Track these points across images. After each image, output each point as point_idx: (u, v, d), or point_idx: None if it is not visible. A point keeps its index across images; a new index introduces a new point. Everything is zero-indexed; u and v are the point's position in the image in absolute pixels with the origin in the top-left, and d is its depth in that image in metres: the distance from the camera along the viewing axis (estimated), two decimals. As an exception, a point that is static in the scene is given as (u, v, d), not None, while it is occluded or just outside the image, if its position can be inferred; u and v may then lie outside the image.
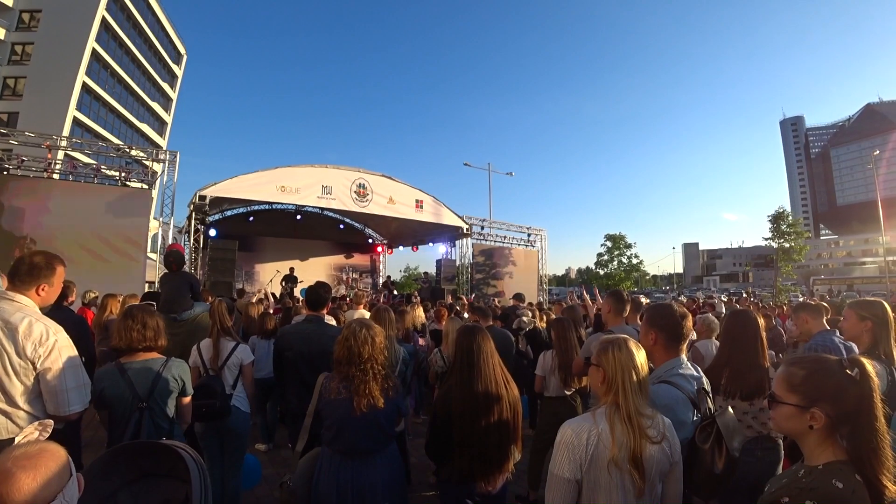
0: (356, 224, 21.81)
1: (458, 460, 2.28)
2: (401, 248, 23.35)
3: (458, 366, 2.41)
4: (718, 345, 3.09)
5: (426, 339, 6.09)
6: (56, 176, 11.09)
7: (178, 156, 12.36)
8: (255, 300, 7.67)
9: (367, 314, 5.85)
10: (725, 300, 14.14)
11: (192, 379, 2.88)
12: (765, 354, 2.60)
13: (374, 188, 15.11)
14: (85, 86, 31.52)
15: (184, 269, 5.62)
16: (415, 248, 22.11)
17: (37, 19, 30.95)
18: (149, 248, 11.74)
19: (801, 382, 1.29)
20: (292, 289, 13.57)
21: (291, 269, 14.77)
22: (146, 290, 11.11)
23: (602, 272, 32.39)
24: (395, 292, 17.91)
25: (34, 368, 2.07)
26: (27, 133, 11.81)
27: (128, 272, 10.53)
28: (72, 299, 4.88)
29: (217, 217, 17.27)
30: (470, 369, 2.35)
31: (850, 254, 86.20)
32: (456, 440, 2.28)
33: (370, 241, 23.04)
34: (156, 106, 41.88)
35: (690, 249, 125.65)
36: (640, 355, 1.65)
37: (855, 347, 2.75)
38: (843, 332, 2.87)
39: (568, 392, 3.96)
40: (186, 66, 47.49)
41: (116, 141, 30.59)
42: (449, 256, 19.25)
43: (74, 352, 2.22)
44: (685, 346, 2.08)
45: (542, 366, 4.11)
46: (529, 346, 5.48)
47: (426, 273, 20.60)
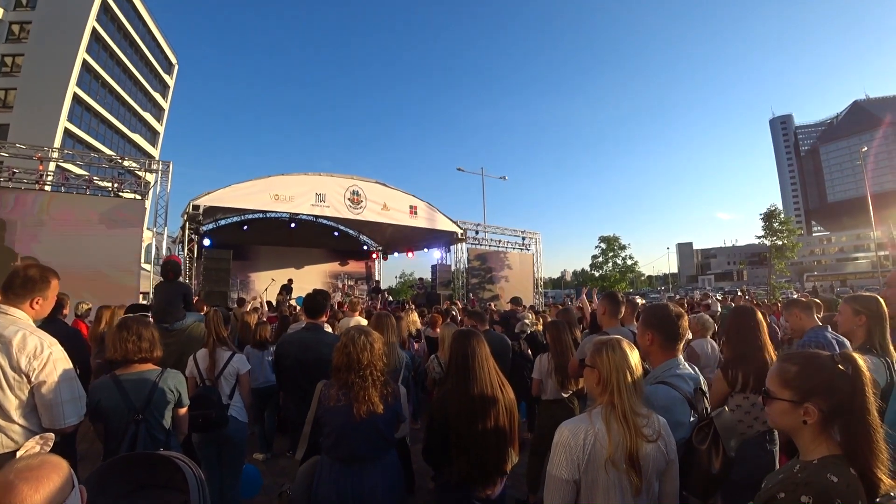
0: (350, 231, 21.77)
1: (455, 465, 2.28)
2: (396, 254, 23.32)
3: (454, 370, 2.41)
4: (722, 342, 3.10)
5: (421, 345, 6.10)
6: (48, 188, 11.01)
7: (170, 166, 12.32)
8: (248, 308, 7.64)
9: (363, 321, 5.86)
10: (720, 298, 14.21)
11: (189, 389, 2.85)
12: (770, 348, 2.64)
13: (367, 195, 15.10)
14: (76, 97, 31.38)
15: (179, 279, 5.59)
16: (410, 254, 22.09)
17: (27, 31, 30.84)
18: (143, 259, 11.67)
19: (793, 378, 1.30)
20: (287, 299, 13.52)
21: (290, 281, 14.74)
22: (140, 300, 11.06)
23: (597, 274, 32.47)
24: (391, 298, 17.87)
25: (29, 382, 2.06)
26: (18, 145, 11.74)
27: (121, 283, 10.46)
28: (65, 312, 4.85)
29: (211, 226, 17.21)
30: (465, 373, 2.35)
31: (843, 249, 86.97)
32: (453, 444, 2.28)
33: (365, 248, 23.02)
34: (148, 116, 41.72)
35: (685, 249, 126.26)
36: (633, 355, 1.67)
37: (847, 343, 2.78)
38: (837, 327, 2.90)
39: (565, 395, 3.96)
40: (178, 76, 47.45)
41: (109, 152, 30.38)
42: (444, 262, 19.26)
43: (69, 364, 2.21)
44: (682, 345, 2.10)
45: (538, 369, 4.12)
46: (530, 350, 5.49)
47: (422, 279, 20.58)
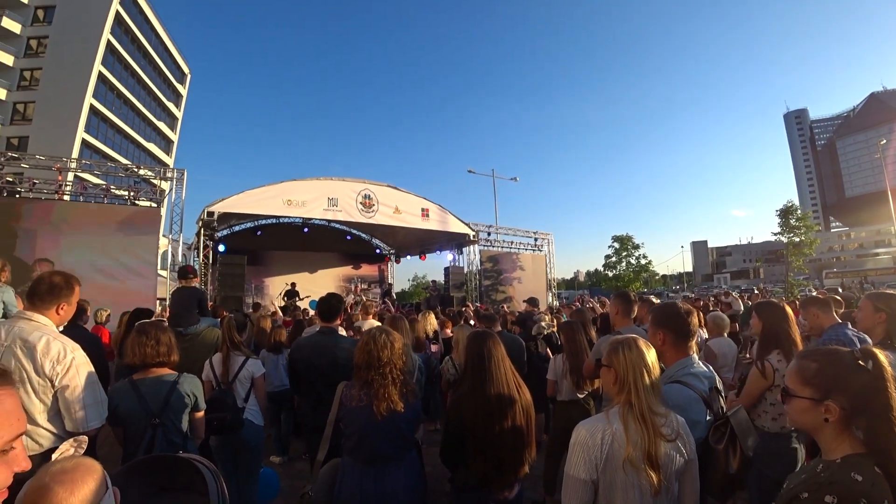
0: (363, 235, 21.89)
1: (472, 466, 2.28)
2: (408, 257, 23.39)
3: (470, 372, 2.41)
4: (749, 340, 3.06)
5: (439, 346, 6.10)
6: (67, 197, 11.25)
7: (185, 173, 12.50)
8: (266, 314, 7.72)
9: (377, 324, 5.88)
10: (737, 296, 13.98)
11: (205, 393, 2.89)
12: (800, 342, 2.63)
13: (379, 198, 15.17)
14: (92, 108, 32.06)
15: (195, 283, 5.66)
16: (422, 257, 22.12)
17: (44, 45, 31.61)
18: (159, 266, 11.85)
19: (813, 375, 1.28)
20: (294, 303, 13.61)
21: (293, 284, 14.85)
22: (157, 306, 11.23)
23: (611, 274, 32.18)
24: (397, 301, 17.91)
25: (52, 386, 2.11)
26: (38, 156, 12.00)
27: (139, 290, 10.64)
28: (86, 318, 4.95)
29: (225, 232, 17.41)
30: (482, 375, 2.34)
31: (863, 245, 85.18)
32: (470, 446, 2.27)
33: (377, 251, 23.11)
34: (162, 125, 42.46)
35: (699, 247, 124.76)
36: (650, 354, 1.65)
37: (869, 340, 2.73)
38: (857, 323, 2.86)
39: (580, 395, 3.93)
40: (191, 85, 48.21)
41: (124, 161, 30.95)
42: (456, 264, 19.23)
43: (91, 369, 2.26)
44: (694, 342, 2.07)
45: (553, 369, 4.09)
46: (549, 350, 5.47)
47: (434, 281, 20.58)
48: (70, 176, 11.81)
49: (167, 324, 5.29)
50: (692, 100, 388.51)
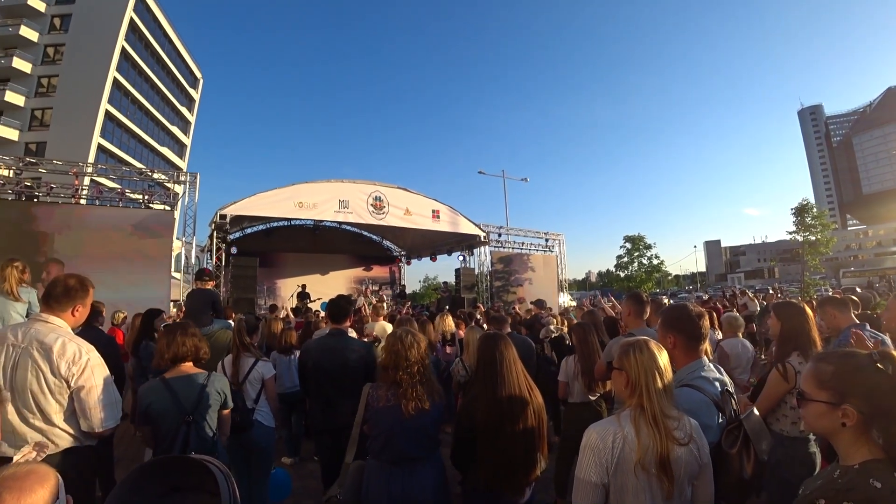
0: (374, 236, 21.97)
1: (483, 469, 2.27)
2: (419, 258, 23.41)
3: (481, 374, 2.40)
4: (766, 340, 3.01)
5: (454, 348, 6.10)
6: (83, 201, 11.45)
7: (197, 177, 12.66)
8: (277, 315, 7.78)
9: (388, 326, 5.89)
10: (752, 296, 13.78)
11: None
12: (820, 343, 2.60)
13: (390, 200, 15.22)
14: (108, 113, 32.57)
15: (210, 285, 5.74)
16: (433, 259, 22.14)
17: (60, 53, 32.22)
18: (173, 268, 12.00)
19: (830, 378, 1.25)
20: (306, 304, 13.70)
21: (303, 286, 14.93)
22: (172, 308, 11.38)
23: (622, 274, 31.91)
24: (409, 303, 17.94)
25: (68, 387, 2.14)
26: (55, 161, 12.24)
27: (153, 292, 10.78)
28: (101, 319, 5.04)
29: (238, 235, 17.58)
30: (493, 377, 2.34)
31: (881, 243, 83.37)
32: (481, 449, 2.27)
33: (388, 252, 23.18)
34: (175, 130, 43.02)
35: (712, 247, 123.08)
36: (662, 356, 1.63)
37: (889, 341, 2.67)
38: (884, 324, 2.80)
39: (592, 397, 3.90)
40: (203, 90, 48.83)
41: (139, 165, 31.48)
42: (467, 265, 19.22)
43: (106, 370, 2.29)
44: (705, 346, 2.04)
45: (564, 371, 4.06)
46: (554, 353, 5.44)
47: (445, 283, 20.57)
48: (86, 180, 12.01)
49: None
50: (704, 98, 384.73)
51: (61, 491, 1.14)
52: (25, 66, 31.23)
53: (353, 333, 4.40)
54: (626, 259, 31.42)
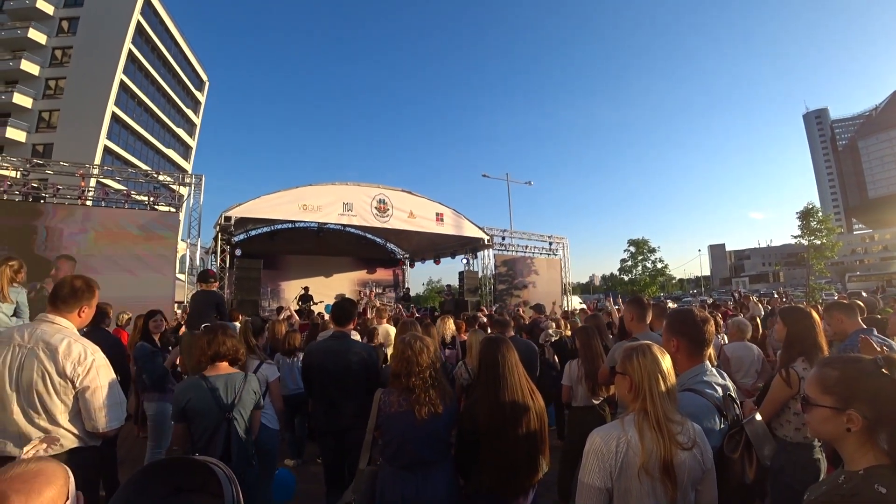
0: (378, 239, 22.01)
1: (485, 473, 2.27)
2: (423, 261, 23.43)
3: (483, 378, 2.40)
4: (776, 344, 2.98)
5: (455, 351, 6.09)
6: (89, 202, 11.53)
7: (203, 179, 12.74)
8: (281, 317, 7.79)
9: (391, 328, 5.89)
10: (756, 301, 13.67)
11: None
12: (826, 349, 2.58)
13: (394, 203, 15.26)
14: (114, 115, 32.80)
15: (214, 287, 5.75)
16: (437, 262, 22.15)
17: (68, 55, 32.52)
18: (177, 269, 12.06)
19: (835, 383, 1.24)
20: (309, 307, 13.72)
21: (306, 289, 14.96)
22: (176, 309, 11.43)
23: (626, 278, 31.82)
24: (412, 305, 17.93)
25: (73, 387, 2.15)
26: (62, 163, 12.35)
27: (158, 293, 10.85)
28: (108, 321, 5.06)
29: (242, 237, 17.65)
30: (495, 381, 2.34)
31: (887, 248, 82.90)
32: (483, 452, 2.26)
33: (392, 255, 23.19)
34: (181, 132, 43.27)
35: (717, 251, 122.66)
36: (665, 360, 1.63)
37: (895, 346, 2.65)
38: (888, 329, 2.78)
39: (596, 401, 3.89)
40: (209, 92, 49.09)
41: (145, 167, 31.62)
42: (471, 268, 19.22)
43: (111, 371, 2.31)
44: (709, 351, 2.02)
45: (568, 375, 4.05)
46: (556, 357, 5.42)
47: (449, 286, 20.59)
48: (92, 182, 12.10)
49: (184, 326, 5.37)
50: (709, 101, 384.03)
51: (72, 489, 1.11)
52: (34, 69, 31.53)
53: (356, 336, 4.41)
54: (630, 263, 31.35)
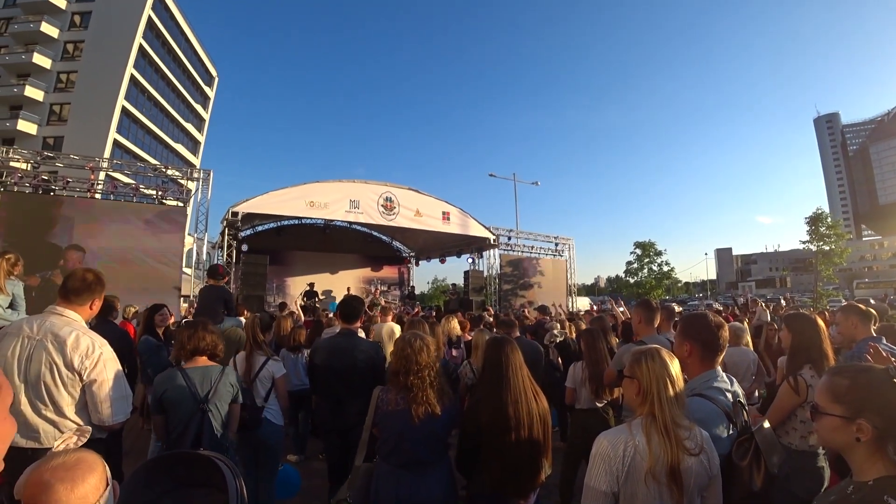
0: (384, 237, 22.05)
1: (488, 474, 2.26)
2: (429, 260, 23.44)
3: (487, 378, 2.39)
4: (786, 350, 2.95)
5: (460, 351, 6.09)
6: (98, 195, 11.63)
7: (211, 174, 12.81)
8: (286, 313, 7.82)
9: (396, 327, 5.89)
10: (764, 306, 13.55)
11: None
12: (832, 357, 2.56)
13: (400, 201, 15.28)
14: (124, 109, 33.06)
15: (222, 283, 5.77)
16: (442, 261, 22.15)
17: (80, 49, 32.80)
18: (184, 263, 12.14)
19: (845, 392, 1.23)
20: (314, 303, 13.76)
21: (311, 285, 15.00)
22: (183, 303, 11.50)
23: (632, 280, 31.67)
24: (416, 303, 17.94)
25: (81, 380, 2.17)
26: (72, 156, 12.47)
27: (164, 286, 10.94)
28: (115, 314, 5.10)
29: (249, 232, 17.72)
30: (499, 381, 2.33)
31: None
32: (485, 452, 2.26)
33: (398, 253, 23.24)
34: (190, 127, 43.53)
35: (723, 255, 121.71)
36: (674, 365, 1.62)
37: (904, 355, 2.62)
38: None
39: (599, 404, 3.87)
40: (218, 88, 49.41)
41: (153, 161, 31.84)
42: (476, 267, 19.21)
43: (118, 364, 2.32)
44: (721, 358, 2.00)
45: (572, 377, 4.04)
46: (560, 358, 5.41)
47: (454, 284, 20.58)
48: (102, 175, 12.20)
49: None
50: (718, 104, 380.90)
51: (109, 476, 1.15)
52: (45, 62, 31.82)
53: (361, 333, 4.41)
54: (635, 265, 31.16)
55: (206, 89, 47.02)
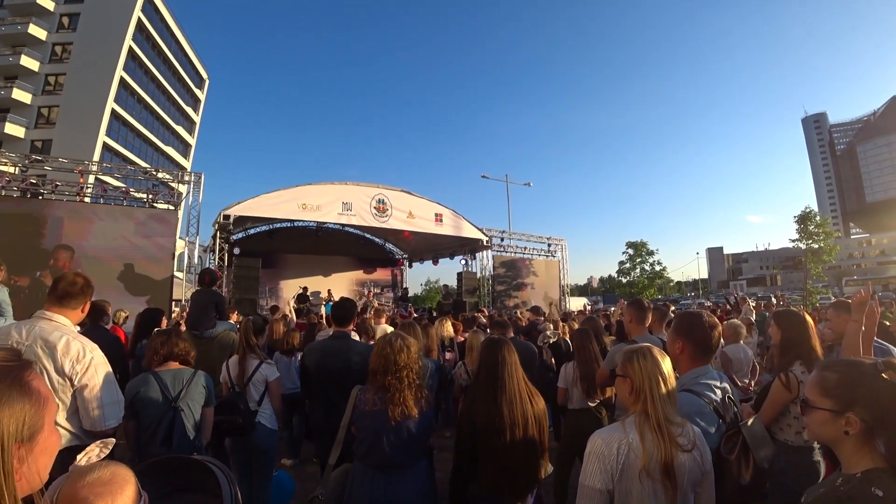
0: (376, 239, 22.00)
1: (484, 476, 2.25)
2: (421, 261, 23.41)
3: (482, 379, 2.38)
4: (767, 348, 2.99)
5: (454, 353, 6.09)
6: (88, 199, 11.50)
7: (202, 177, 12.71)
8: (278, 316, 7.77)
9: (389, 329, 5.88)
10: (754, 305, 13.68)
11: (219, 395, 2.99)
12: (821, 353, 2.59)
13: (393, 203, 15.26)
14: (114, 112, 32.73)
15: (213, 287, 5.73)
16: (435, 262, 22.14)
17: (68, 51, 32.46)
18: (175, 267, 12.04)
19: (834, 386, 1.25)
20: (308, 307, 13.69)
21: (304, 288, 14.93)
22: (175, 307, 11.40)
23: (624, 280, 31.86)
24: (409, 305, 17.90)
25: (72, 385, 2.15)
26: (60, 159, 12.32)
27: (155, 290, 10.84)
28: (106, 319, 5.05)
29: (241, 235, 17.61)
30: (494, 382, 2.32)
31: (884, 252, 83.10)
32: (481, 455, 2.25)
33: (391, 255, 23.18)
34: (180, 129, 43.17)
35: (715, 254, 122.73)
36: (665, 363, 1.63)
37: (894, 350, 2.66)
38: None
39: (592, 404, 3.88)
40: (209, 90, 49.03)
41: (144, 164, 31.57)
42: (469, 269, 19.22)
43: (109, 369, 2.30)
44: (713, 356, 2.02)
45: (564, 377, 4.06)
46: (553, 359, 5.43)
47: (447, 286, 20.57)
48: (91, 178, 12.07)
49: (185, 326, 5.38)
50: (708, 105, 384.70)
51: (140, 487, 1.12)
52: (33, 64, 31.46)
53: (355, 336, 4.40)
54: (628, 265, 31.38)
55: (197, 92, 46.68)
